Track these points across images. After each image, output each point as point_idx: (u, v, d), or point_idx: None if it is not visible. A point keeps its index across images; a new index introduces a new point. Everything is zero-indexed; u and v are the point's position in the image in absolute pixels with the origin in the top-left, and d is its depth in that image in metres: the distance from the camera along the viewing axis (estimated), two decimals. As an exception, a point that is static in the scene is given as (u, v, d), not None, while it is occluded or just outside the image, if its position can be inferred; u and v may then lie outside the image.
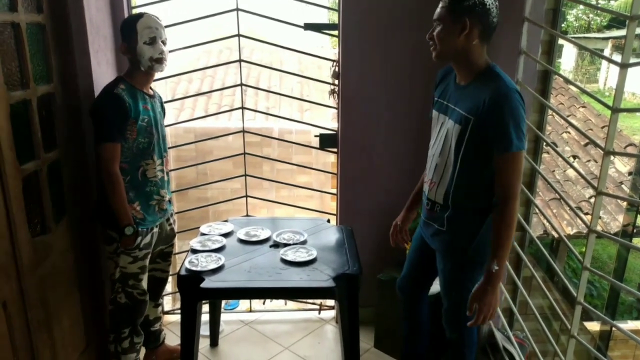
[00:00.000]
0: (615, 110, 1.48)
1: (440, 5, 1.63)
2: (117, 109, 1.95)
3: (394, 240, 2.14)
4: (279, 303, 3.28)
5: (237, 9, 2.50)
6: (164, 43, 2.06)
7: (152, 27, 2.02)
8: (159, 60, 2.04)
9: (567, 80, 5.92)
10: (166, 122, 2.40)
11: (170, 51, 2.49)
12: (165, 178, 2.20)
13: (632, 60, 1.46)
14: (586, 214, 4.38)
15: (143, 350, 2.44)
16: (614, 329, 2.12)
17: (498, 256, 1.61)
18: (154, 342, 2.46)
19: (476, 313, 1.66)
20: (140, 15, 2.04)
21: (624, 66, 1.44)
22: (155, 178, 2.12)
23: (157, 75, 2.13)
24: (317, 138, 2.73)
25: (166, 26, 2.42)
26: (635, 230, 4.60)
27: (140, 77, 2.06)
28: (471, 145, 1.64)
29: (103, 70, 2.20)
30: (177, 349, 2.46)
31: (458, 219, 1.75)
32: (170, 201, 2.29)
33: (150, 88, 2.16)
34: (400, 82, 2.53)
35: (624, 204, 4.01)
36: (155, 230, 2.16)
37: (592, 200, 1.61)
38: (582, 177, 1.84)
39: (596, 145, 1.65)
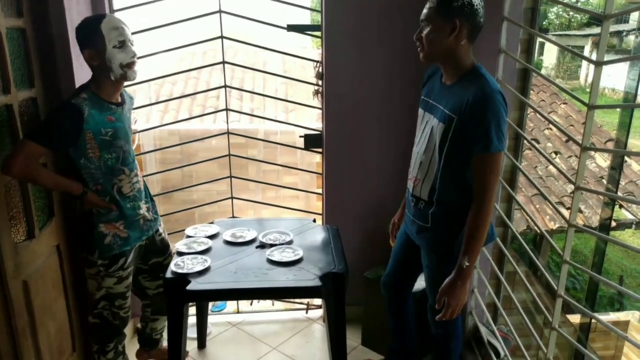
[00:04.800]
0: (591, 107, 1.52)
1: (427, 6, 1.65)
2: (66, 118, 1.76)
3: (394, 238, 2.17)
4: (266, 304, 3.28)
5: (220, 11, 2.50)
6: (132, 44, 1.87)
7: (119, 28, 1.80)
8: (131, 65, 1.84)
9: (545, 78, 6.01)
10: (150, 124, 2.40)
11: (153, 54, 2.50)
12: (142, 187, 2.07)
13: (609, 57, 1.50)
14: (568, 208, 4.46)
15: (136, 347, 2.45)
16: (594, 320, 2.16)
17: (469, 252, 1.65)
18: (151, 346, 2.44)
19: (445, 307, 1.70)
20: (101, 15, 1.84)
21: (598, 64, 1.47)
22: (131, 192, 1.98)
23: (139, 78, 2.07)
24: (302, 139, 2.75)
25: (149, 29, 2.42)
26: (615, 224, 4.70)
27: (108, 87, 1.86)
28: (454, 144, 1.66)
29: (85, 74, 2.18)
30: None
31: (442, 215, 1.78)
32: (156, 212, 2.19)
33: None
34: (384, 81, 2.56)
35: (603, 198, 4.09)
36: (139, 244, 2.08)
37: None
38: (562, 172, 1.88)
39: (574, 141, 1.69)
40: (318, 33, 2.58)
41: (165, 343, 2.45)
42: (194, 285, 1.92)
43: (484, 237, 1.66)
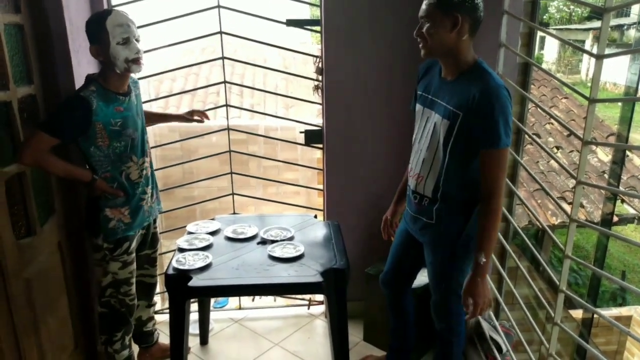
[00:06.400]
0: (592, 100, 1.51)
1: (426, 3, 1.63)
2: (76, 110, 1.83)
3: (386, 234, 2.18)
4: (268, 300, 3.28)
5: (219, 6, 2.49)
6: (137, 41, 1.91)
7: (124, 25, 1.85)
8: (136, 61, 1.89)
9: (545, 72, 5.99)
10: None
11: (152, 50, 2.49)
12: (149, 173, 2.13)
13: (609, 51, 1.49)
14: (569, 203, 4.45)
15: (137, 349, 2.44)
16: (596, 316, 2.15)
17: (484, 249, 1.65)
18: (147, 342, 2.46)
19: (472, 306, 1.68)
20: (108, 11, 1.88)
21: (599, 57, 1.46)
22: (140, 179, 2.05)
23: (139, 74, 2.09)
24: (303, 134, 2.74)
25: (147, 24, 2.41)
26: (617, 219, 4.69)
27: (115, 79, 1.92)
28: (460, 140, 1.66)
29: (84, 70, 2.18)
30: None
31: (447, 211, 1.77)
32: (158, 198, 2.26)
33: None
34: (384, 76, 2.55)
35: (605, 192, 4.09)
36: (141, 232, 2.16)
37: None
38: (563, 167, 1.87)
39: (575, 135, 1.68)
40: (317, 28, 2.57)
41: (165, 339, 2.46)
42: (196, 281, 1.92)
43: (497, 231, 1.67)
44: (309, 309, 3.02)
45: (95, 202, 1.98)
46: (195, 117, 2.40)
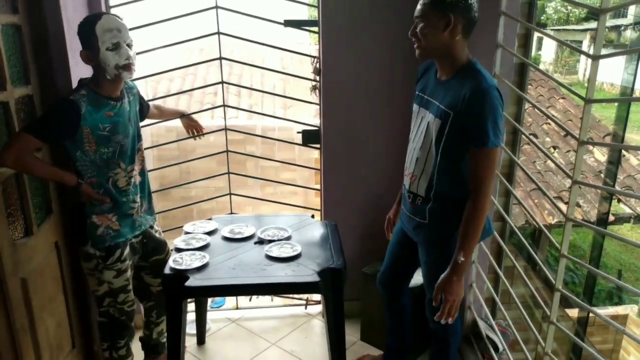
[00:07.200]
0: (588, 101, 1.51)
1: (421, 2, 1.64)
2: (64, 114, 1.78)
3: (389, 233, 2.18)
4: (265, 300, 3.29)
5: (217, 7, 2.50)
6: (129, 46, 1.86)
7: (114, 30, 1.80)
8: (127, 67, 1.84)
9: (542, 72, 6.01)
10: (147, 121, 2.39)
11: (149, 50, 2.49)
12: (138, 181, 2.05)
13: (606, 51, 1.50)
14: (566, 203, 4.46)
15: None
16: (592, 315, 2.17)
17: (465, 247, 1.65)
18: (158, 352, 2.42)
19: (442, 304, 1.69)
20: (98, 16, 1.82)
21: (595, 58, 1.47)
22: (128, 186, 1.98)
23: (136, 75, 2.07)
24: (300, 134, 2.74)
25: (145, 25, 2.41)
26: (614, 219, 4.70)
27: (106, 84, 1.87)
28: (451, 139, 1.66)
29: (82, 70, 2.17)
30: None
31: (440, 211, 1.78)
32: (150, 209, 2.18)
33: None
34: (382, 76, 2.55)
35: (601, 192, 4.09)
36: (136, 240, 2.10)
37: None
38: (559, 167, 1.88)
39: (572, 135, 1.69)
40: (315, 28, 2.57)
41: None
42: (193, 281, 1.92)
43: (479, 232, 1.66)
44: (306, 308, 3.02)
45: (81, 208, 1.93)
46: (191, 134, 2.49)
